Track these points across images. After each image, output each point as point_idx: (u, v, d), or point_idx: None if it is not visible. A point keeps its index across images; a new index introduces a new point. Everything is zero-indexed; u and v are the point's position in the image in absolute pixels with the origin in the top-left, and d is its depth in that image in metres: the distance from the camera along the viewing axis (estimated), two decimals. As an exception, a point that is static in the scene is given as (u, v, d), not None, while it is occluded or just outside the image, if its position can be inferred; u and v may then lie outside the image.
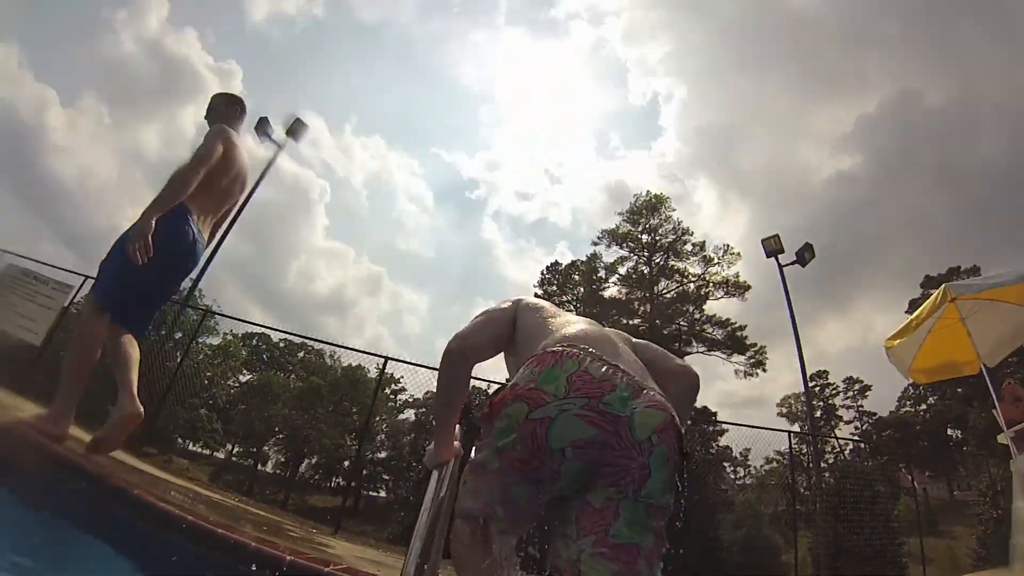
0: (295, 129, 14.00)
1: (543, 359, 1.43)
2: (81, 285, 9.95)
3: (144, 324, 3.27)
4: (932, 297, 5.30)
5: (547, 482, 1.36)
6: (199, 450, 30.32)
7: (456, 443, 1.80)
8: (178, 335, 15.53)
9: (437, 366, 1.78)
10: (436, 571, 1.98)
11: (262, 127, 13.79)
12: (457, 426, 1.84)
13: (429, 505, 1.55)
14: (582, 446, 1.31)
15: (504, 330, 1.80)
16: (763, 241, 12.60)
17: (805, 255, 12.52)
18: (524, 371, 1.44)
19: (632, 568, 1.24)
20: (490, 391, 7.36)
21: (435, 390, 1.74)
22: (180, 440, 26.76)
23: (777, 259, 12.48)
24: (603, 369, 1.39)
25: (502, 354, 1.86)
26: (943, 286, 5.19)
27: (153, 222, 2.84)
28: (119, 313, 3.02)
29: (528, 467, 1.34)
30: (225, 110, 3.57)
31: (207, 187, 3.16)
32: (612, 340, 1.61)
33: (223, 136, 3.31)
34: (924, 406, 35.90)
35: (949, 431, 33.71)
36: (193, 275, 13.03)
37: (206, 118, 3.55)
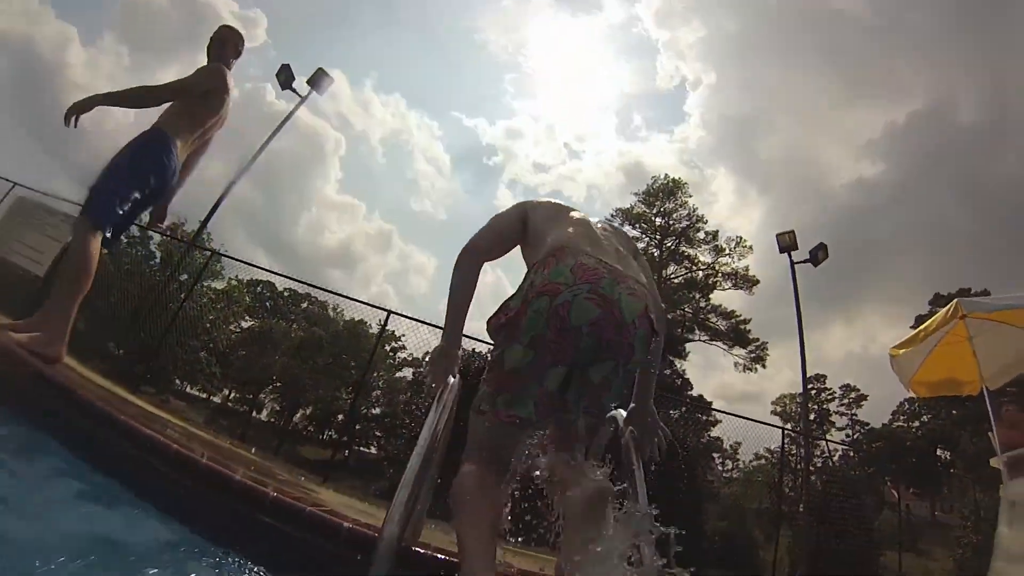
0: (317, 79, 13.79)
1: (546, 262, 1.72)
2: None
3: (117, 241, 3.40)
4: (943, 311, 5.19)
5: (569, 357, 1.63)
6: (196, 393, 30.62)
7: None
8: (183, 277, 15.59)
9: (440, 324, 1.87)
10: (420, 524, 1.99)
11: (284, 75, 13.62)
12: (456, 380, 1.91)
13: (424, 443, 1.54)
14: (594, 323, 1.60)
15: (510, 229, 2.08)
16: (778, 236, 12.51)
17: (818, 254, 12.43)
18: (535, 276, 1.71)
19: (601, 419, 1.91)
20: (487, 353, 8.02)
21: (449, 292, 1.93)
22: (178, 381, 27.02)
23: (790, 255, 12.41)
24: (592, 261, 1.70)
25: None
26: (955, 301, 5.09)
27: (93, 109, 3.12)
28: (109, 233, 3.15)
29: (557, 346, 1.61)
30: (231, 46, 3.65)
31: (192, 122, 3.37)
32: (598, 237, 1.91)
33: (218, 76, 3.45)
34: (917, 423, 35.80)
35: (939, 451, 33.67)
36: (201, 217, 13.12)
37: (208, 49, 3.60)
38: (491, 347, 2.06)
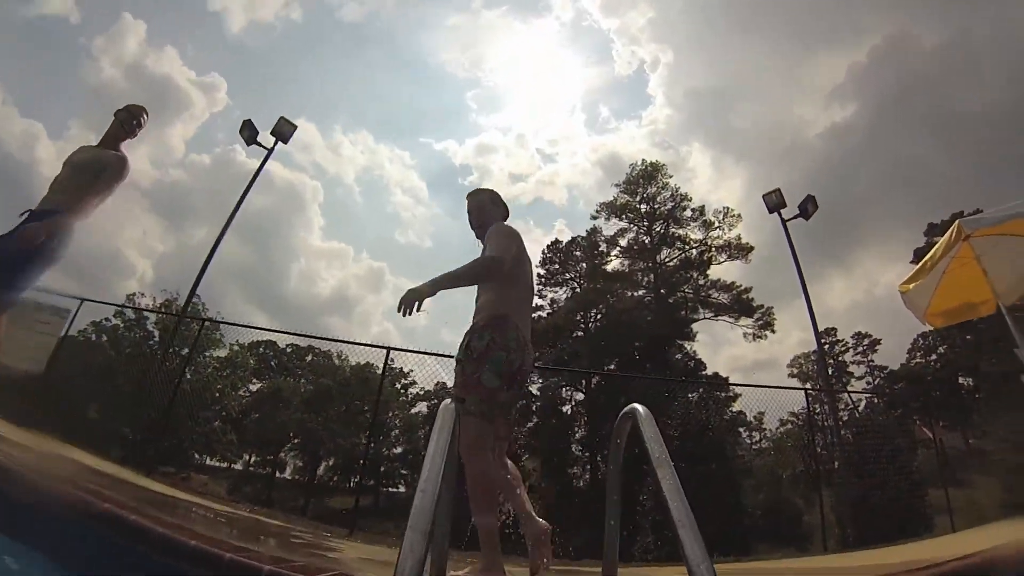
0: (280, 129, 13.61)
1: (499, 325, 2.81)
2: (78, 309, 9.85)
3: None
4: (946, 236, 5.01)
5: (512, 385, 2.78)
6: (217, 463, 30.31)
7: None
8: (185, 351, 15.32)
9: (441, 352, 2.61)
10: (445, 561, 1.79)
11: (247, 131, 13.45)
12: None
13: (430, 474, 1.27)
14: (522, 367, 2.81)
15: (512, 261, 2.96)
16: (764, 196, 12.32)
17: (808, 207, 12.25)
18: (495, 333, 2.78)
19: (515, 412, 3.07)
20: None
21: (462, 272, 2.80)
22: (196, 455, 26.73)
23: (780, 214, 12.23)
24: (522, 336, 2.85)
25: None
26: (956, 222, 4.89)
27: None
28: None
29: (511, 378, 2.74)
30: (142, 122, 3.96)
31: (81, 198, 3.55)
32: (528, 312, 3.07)
33: (125, 169, 3.72)
34: (934, 356, 35.50)
35: (960, 380, 33.40)
36: (189, 284, 12.96)
37: (124, 123, 3.88)
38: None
